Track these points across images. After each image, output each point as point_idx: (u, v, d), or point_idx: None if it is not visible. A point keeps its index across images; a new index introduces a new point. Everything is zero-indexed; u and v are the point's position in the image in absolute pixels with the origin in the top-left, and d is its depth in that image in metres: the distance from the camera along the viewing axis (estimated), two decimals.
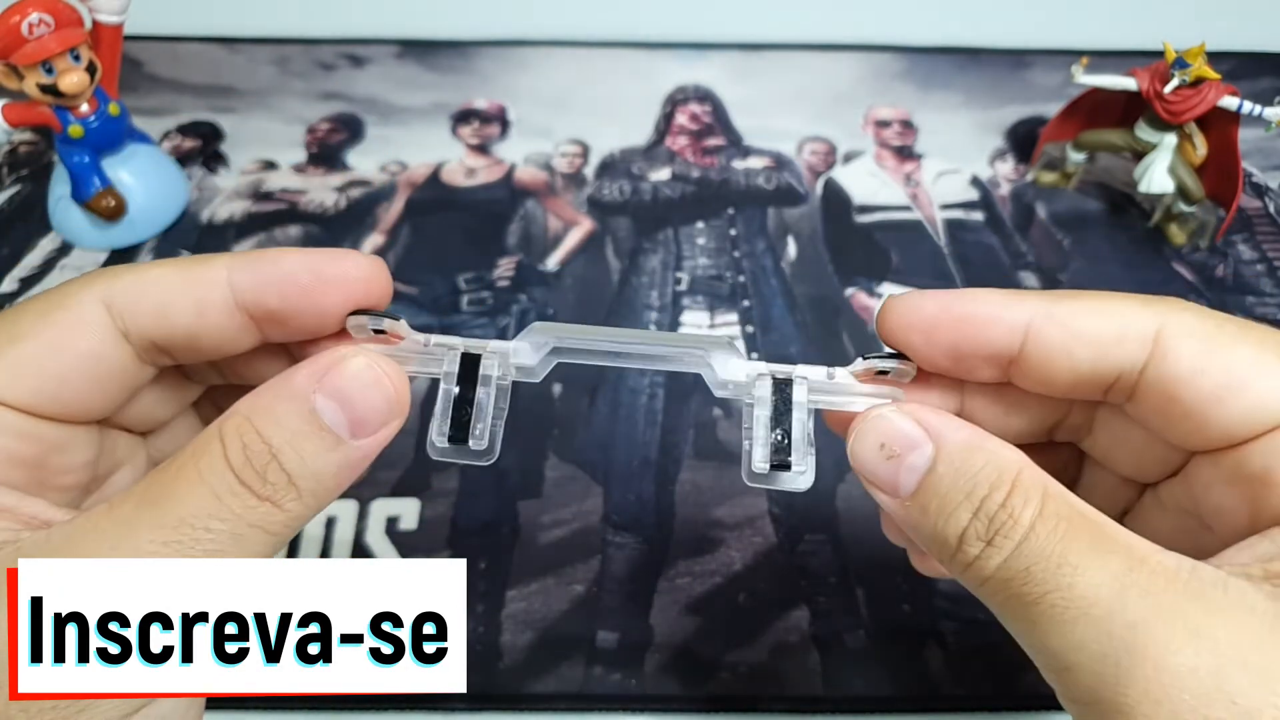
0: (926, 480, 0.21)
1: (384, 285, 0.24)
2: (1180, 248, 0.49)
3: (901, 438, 0.22)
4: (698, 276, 0.47)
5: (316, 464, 0.21)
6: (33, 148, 0.54)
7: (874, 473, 0.22)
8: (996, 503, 0.20)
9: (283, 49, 0.60)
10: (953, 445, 0.21)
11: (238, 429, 0.21)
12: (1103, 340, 0.22)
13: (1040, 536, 0.19)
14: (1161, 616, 0.18)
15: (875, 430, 0.22)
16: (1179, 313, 0.22)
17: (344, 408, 0.21)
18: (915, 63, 0.60)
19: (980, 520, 0.20)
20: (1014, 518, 0.20)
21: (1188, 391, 0.21)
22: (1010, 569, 0.20)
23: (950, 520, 0.21)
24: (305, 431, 0.21)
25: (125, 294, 0.22)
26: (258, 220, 0.50)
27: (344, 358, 0.22)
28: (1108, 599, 0.18)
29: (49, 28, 0.41)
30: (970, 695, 0.34)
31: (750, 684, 0.34)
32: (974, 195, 0.52)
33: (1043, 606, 0.19)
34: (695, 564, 0.37)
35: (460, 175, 0.53)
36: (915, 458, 0.21)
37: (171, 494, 0.20)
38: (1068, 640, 0.19)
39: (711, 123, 0.56)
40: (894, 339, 0.23)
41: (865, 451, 0.22)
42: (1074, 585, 0.19)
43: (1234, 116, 0.45)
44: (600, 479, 0.39)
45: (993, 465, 0.21)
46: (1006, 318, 0.22)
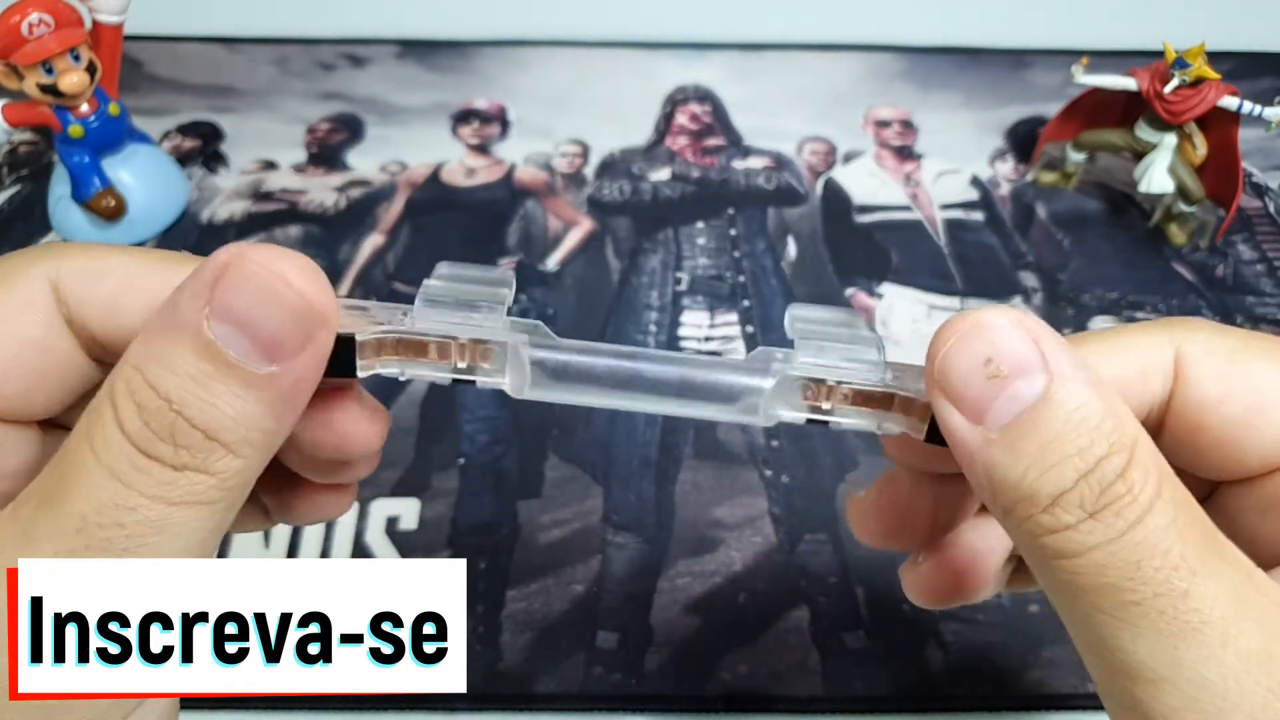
0: (1030, 415, 0.17)
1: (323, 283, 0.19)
2: (1180, 248, 0.49)
3: (1015, 357, 0.17)
4: (698, 276, 0.47)
5: (237, 408, 0.17)
6: (33, 148, 0.54)
7: (965, 387, 0.18)
8: (1114, 470, 0.17)
9: (283, 49, 0.60)
10: (1073, 385, 0.17)
11: (128, 386, 0.16)
12: (1128, 380, 0.20)
13: (1158, 524, 0.16)
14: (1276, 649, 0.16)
15: (984, 339, 0.18)
16: (1194, 333, 0.20)
17: (245, 330, 0.17)
18: (915, 63, 0.60)
19: (1090, 485, 0.17)
20: (1133, 493, 0.17)
21: (1214, 418, 0.19)
22: (1114, 554, 0.17)
23: (1049, 473, 0.17)
24: (208, 371, 0.16)
25: (77, 274, 0.19)
26: (258, 220, 0.50)
27: (227, 264, 0.17)
28: (1223, 619, 0.16)
29: (49, 28, 0.41)
30: (970, 695, 0.34)
31: (750, 684, 0.34)
32: (974, 195, 0.52)
33: (1145, 610, 0.16)
34: (695, 564, 0.37)
35: (460, 175, 0.53)
36: (1025, 384, 0.17)
37: (70, 487, 0.16)
38: (1164, 655, 0.16)
39: (711, 123, 0.56)
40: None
41: (963, 361, 0.18)
42: (1189, 594, 0.16)
43: (1234, 116, 0.45)
44: (600, 479, 0.39)
45: (1113, 425, 0.17)
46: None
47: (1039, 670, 0.34)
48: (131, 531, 0.17)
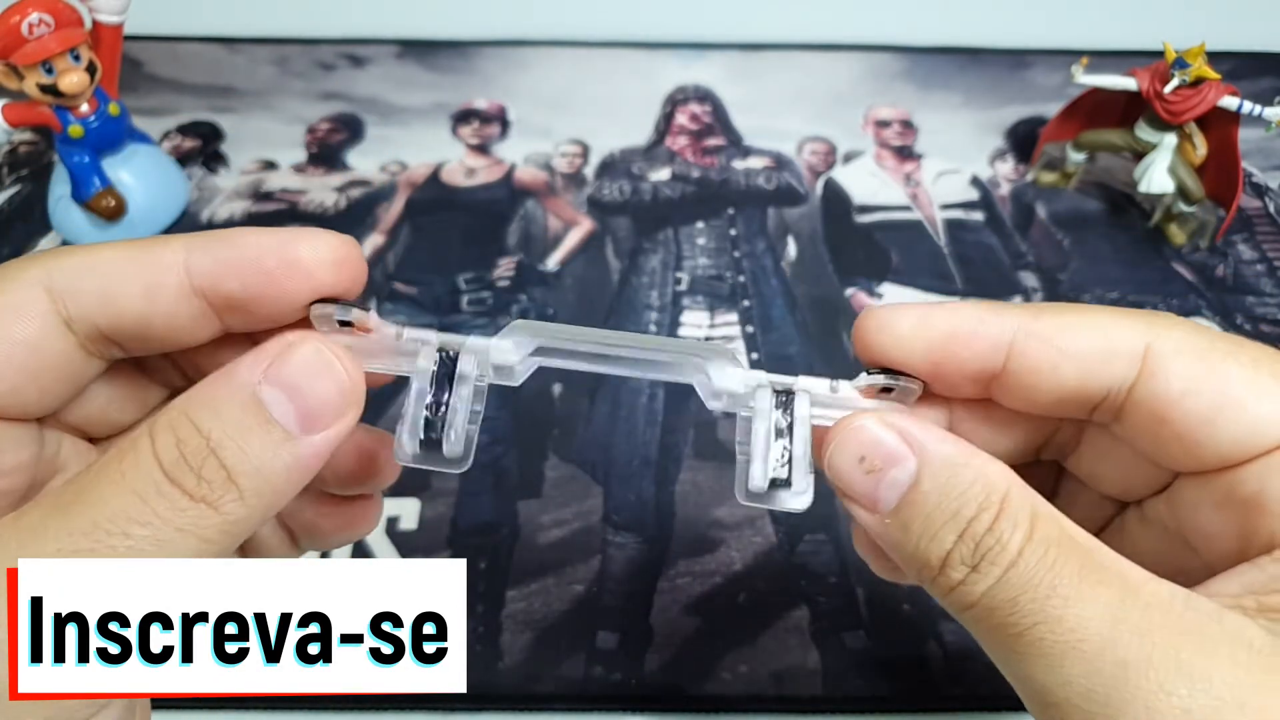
0: (909, 497, 0.20)
1: (355, 268, 0.21)
2: (1180, 248, 0.49)
3: (883, 450, 0.20)
4: (698, 276, 0.47)
5: (262, 461, 0.19)
6: (33, 148, 0.54)
7: (852, 486, 0.21)
8: (984, 525, 0.19)
9: (283, 49, 0.60)
10: (938, 460, 0.20)
11: (171, 424, 0.19)
12: (1089, 357, 0.21)
13: (1029, 564, 0.18)
14: (1155, 654, 0.17)
15: (855, 441, 0.20)
16: (1169, 329, 0.21)
17: (293, 399, 0.19)
18: (915, 63, 0.60)
19: (966, 544, 0.19)
20: (1001, 543, 0.19)
21: (1178, 412, 0.20)
22: (996, 597, 0.19)
23: (934, 542, 0.19)
24: (250, 425, 0.19)
25: (68, 277, 0.20)
26: (257, 220, 0.50)
27: (292, 344, 0.20)
28: (1098, 634, 0.18)
29: (49, 28, 0.41)
30: (970, 695, 0.34)
31: (750, 684, 0.34)
32: (974, 195, 0.52)
33: (1029, 639, 0.18)
34: (695, 564, 0.37)
35: (460, 175, 0.53)
36: (897, 472, 0.20)
37: (87, 496, 0.18)
38: (1055, 676, 0.18)
39: (711, 123, 0.56)
40: (870, 354, 0.22)
41: (843, 463, 0.21)
42: (1063, 618, 0.18)
43: (1234, 116, 0.45)
44: (600, 479, 0.39)
45: (980, 484, 0.19)
46: (988, 333, 0.21)
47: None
48: (134, 544, 0.18)
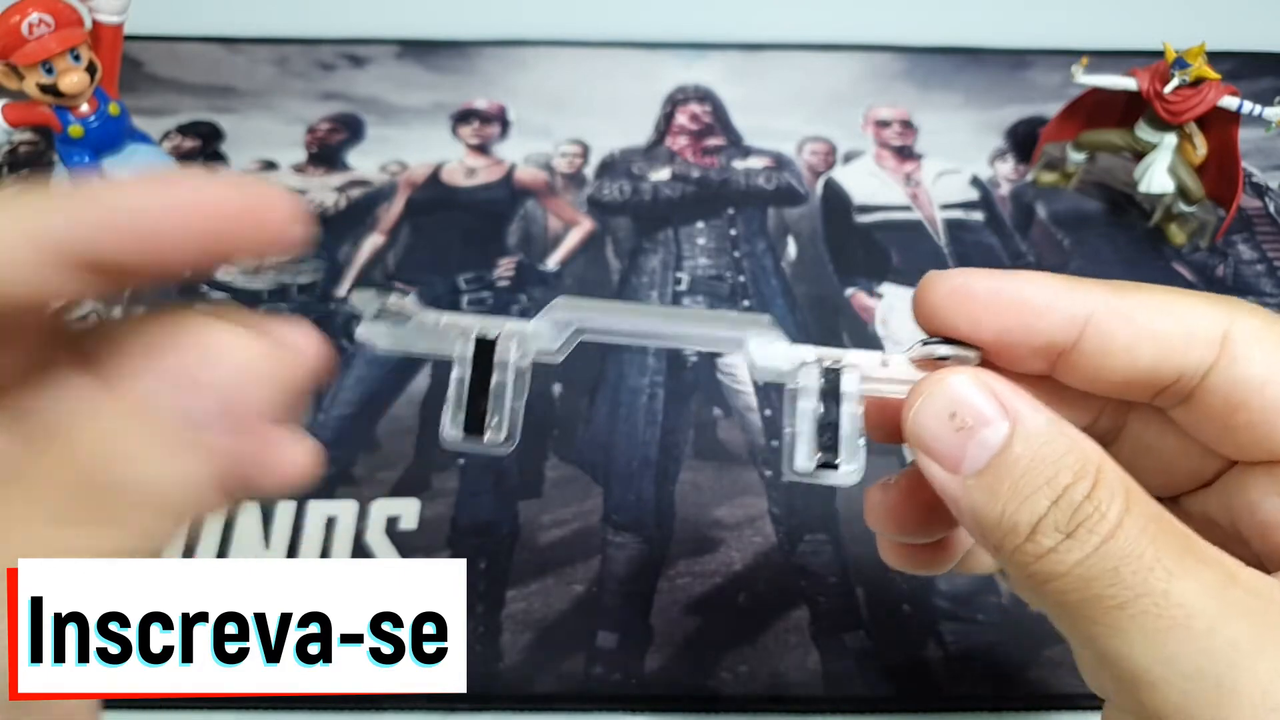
0: (999, 459, 0.19)
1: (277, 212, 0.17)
2: (1180, 248, 0.49)
3: (975, 409, 0.19)
4: (698, 276, 0.47)
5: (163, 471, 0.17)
6: (33, 148, 0.54)
7: (937, 442, 0.20)
8: (1081, 493, 0.18)
9: (283, 49, 0.60)
10: (1032, 425, 0.19)
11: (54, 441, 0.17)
12: (1171, 339, 0.20)
13: (1130, 535, 0.18)
14: (1268, 638, 0.17)
15: (946, 396, 0.20)
16: (1248, 316, 0.20)
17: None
18: (915, 63, 0.60)
19: (1061, 509, 0.18)
20: (1100, 510, 0.18)
21: (1257, 399, 0.20)
22: (1093, 567, 0.18)
23: (1025, 505, 0.18)
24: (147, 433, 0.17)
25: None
26: None
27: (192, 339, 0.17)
28: (1208, 613, 0.17)
29: (49, 28, 0.41)
30: (970, 695, 0.34)
31: (750, 684, 0.34)
32: (974, 195, 0.52)
33: (1130, 612, 0.17)
34: (695, 564, 0.37)
35: (460, 175, 0.53)
36: (989, 433, 0.19)
37: None
38: (1158, 652, 0.17)
39: (711, 123, 0.56)
40: (935, 319, 0.21)
41: (930, 418, 0.20)
42: (1170, 592, 0.17)
43: (1234, 116, 0.45)
44: (600, 479, 0.39)
45: (1076, 454, 0.19)
46: (1066, 307, 0.20)
47: (1039, 670, 0.34)
48: None
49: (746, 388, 0.43)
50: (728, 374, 0.43)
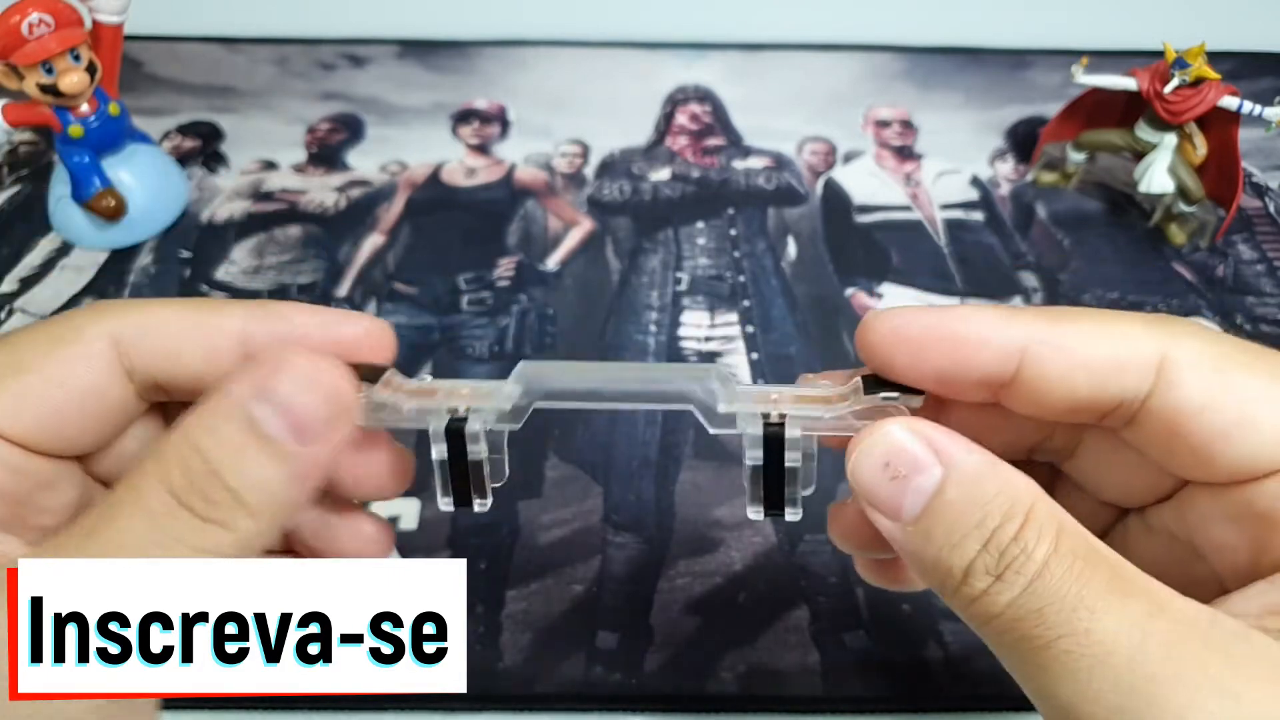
0: (933, 504, 0.20)
1: (388, 347, 0.24)
2: (1180, 248, 0.49)
3: (909, 457, 0.20)
4: (698, 276, 0.47)
5: (262, 477, 0.20)
6: (33, 148, 0.54)
7: (875, 493, 0.20)
8: (1009, 535, 0.19)
9: (283, 49, 0.60)
10: (964, 469, 0.20)
11: (177, 447, 0.20)
12: (1104, 367, 0.20)
13: (1055, 575, 0.18)
14: (1185, 670, 0.17)
15: (880, 447, 0.20)
16: (1185, 338, 0.20)
17: (283, 414, 0.20)
18: (915, 63, 0.60)
19: (990, 553, 0.19)
20: (1027, 552, 0.18)
21: (1194, 425, 0.20)
22: (1021, 608, 0.18)
23: (957, 550, 0.19)
24: (245, 443, 0.20)
25: (134, 332, 0.22)
26: (258, 220, 0.50)
27: (280, 360, 0.20)
28: (1127, 647, 0.17)
29: (49, 28, 0.41)
30: (970, 695, 0.34)
31: (750, 684, 0.34)
32: (974, 195, 0.52)
33: (1054, 651, 0.18)
34: (695, 564, 0.37)
35: (460, 175, 0.53)
36: (923, 479, 0.20)
37: (109, 522, 0.19)
38: (1081, 690, 0.18)
39: (711, 123, 0.56)
40: (875, 357, 0.22)
41: (867, 470, 0.20)
42: (1091, 631, 0.18)
43: (1234, 116, 0.45)
44: (600, 479, 0.39)
45: (1006, 494, 0.19)
46: (1000, 340, 0.21)
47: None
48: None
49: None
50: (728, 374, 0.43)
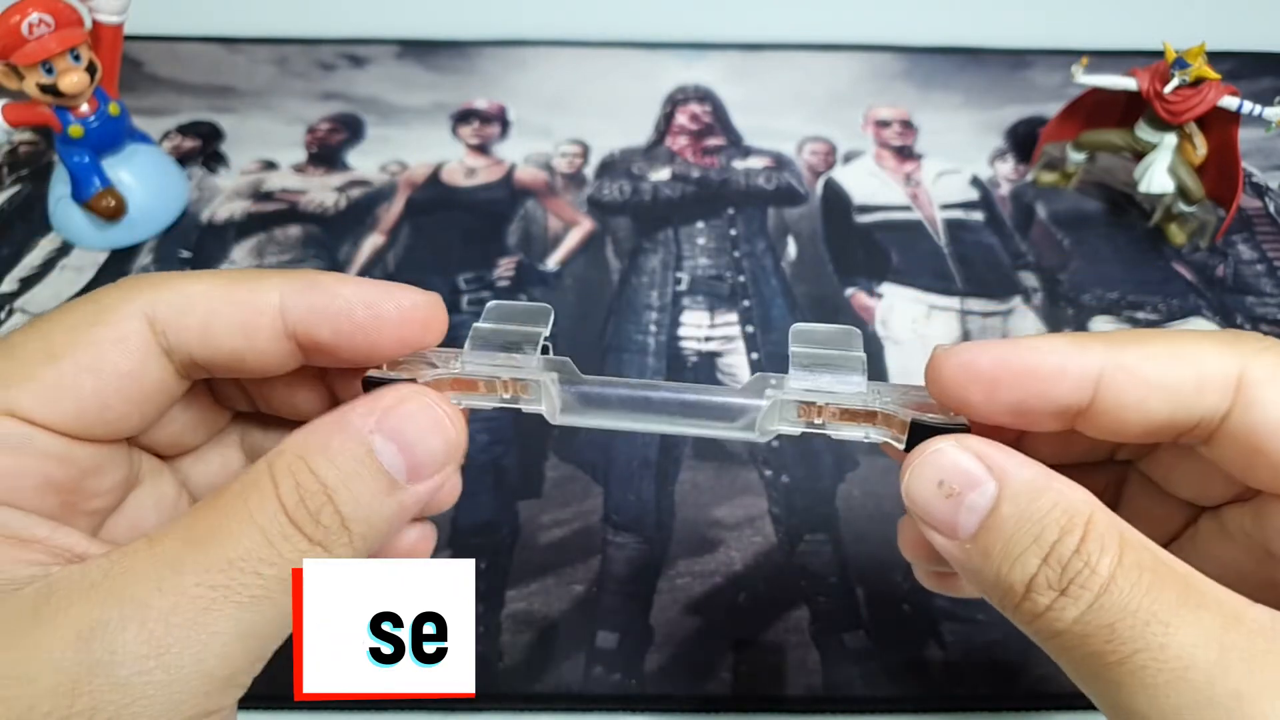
0: (989, 521, 0.19)
1: (440, 325, 0.23)
2: (1180, 248, 0.49)
3: (962, 474, 0.20)
4: (698, 276, 0.47)
5: (372, 508, 0.20)
6: (33, 148, 0.54)
7: (931, 512, 0.20)
8: (1070, 548, 0.18)
9: (283, 49, 0.60)
10: (1018, 484, 0.19)
11: (290, 467, 0.20)
12: (1181, 390, 0.20)
13: (1123, 588, 0.18)
14: (1268, 683, 0.17)
15: (933, 465, 0.20)
16: (1261, 354, 0.20)
17: (403, 450, 0.20)
18: (915, 63, 0.60)
19: (1052, 567, 0.18)
20: (1091, 565, 0.18)
21: (1274, 444, 0.20)
22: (1089, 624, 0.18)
23: (1017, 565, 0.19)
24: (361, 473, 0.20)
25: (169, 308, 0.21)
26: (258, 220, 0.50)
27: (404, 398, 0.21)
28: (1207, 663, 0.17)
29: (49, 28, 0.41)
30: (970, 695, 0.34)
31: (750, 684, 0.34)
32: (974, 195, 0.52)
33: (1129, 667, 0.17)
34: (695, 564, 0.37)
35: (460, 175, 0.53)
36: (977, 496, 0.20)
37: (219, 533, 0.19)
38: (1161, 706, 0.17)
39: (711, 123, 0.56)
40: (949, 398, 0.21)
41: (921, 489, 0.20)
42: (1167, 645, 0.17)
43: (1234, 116, 0.45)
44: (600, 479, 0.39)
45: (1062, 507, 0.19)
46: (1074, 370, 0.20)
47: (1039, 670, 0.34)
48: (265, 582, 0.19)
49: None
50: (728, 374, 0.43)
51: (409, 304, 0.22)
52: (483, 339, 0.23)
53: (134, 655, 0.18)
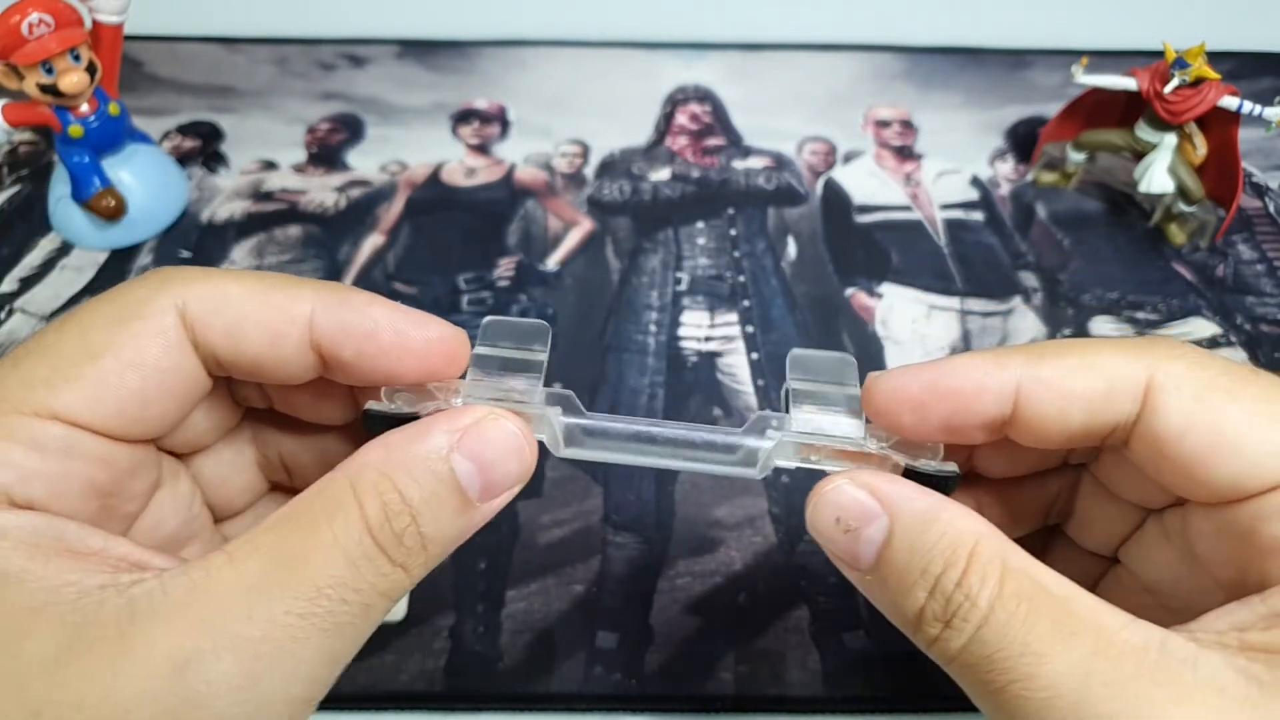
0: (884, 554, 0.20)
1: (462, 359, 0.23)
2: (1180, 248, 0.49)
3: (857, 510, 0.21)
4: (698, 276, 0.47)
5: (448, 527, 0.20)
6: (33, 148, 0.54)
7: (833, 546, 0.22)
8: (952, 581, 0.19)
9: (283, 49, 0.60)
10: (908, 516, 0.20)
11: (375, 485, 0.19)
12: (1092, 398, 0.21)
13: (1000, 620, 0.19)
14: (1128, 707, 0.18)
15: (830, 503, 0.21)
16: (1169, 363, 0.21)
17: (481, 471, 0.20)
18: (915, 63, 0.60)
19: (937, 600, 0.20)
20: (971, 599, 0.19)
21: (1175, 449, 0.21)
22: (972, 654, 0.19)
23: (908, 597, 0.20)
24: (442, 493, 0.20)
25: (201, 304, 0.21)
26: (258, 220, 0.50)
27: (484, 419, 0.21)
28: (1071, 690, 0.18)
29: (49, 28, 0.41)
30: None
31: (750, 684, 0.34)
32: (974, 195, 0.52)
33: (1008, 695, 0.19)
34: (695, 564, 0.37)
35: (460, 175, 0.53)
36: (872, 530, 0.21)
37: (305, 557, 0.19)
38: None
39: (711, 123, 0.56)
40: (884, 419, 0.23)
41: (822, 524, 0.22)
42: (1036, 676, 0.18)
43: (1234, 116, 0.45)
44: (600, 479, 0.39)
45: (948, 539, 0.20)
46: (993, 386, 0.22)
47: None
48: (350, 609, 0.19)
49: (746, 387, 0.43)
50: (728, 374, 0.43)
51: (436, 336, 0.22)
52: (483, 364, 0.24)
53: (228, 687, 0.17)
